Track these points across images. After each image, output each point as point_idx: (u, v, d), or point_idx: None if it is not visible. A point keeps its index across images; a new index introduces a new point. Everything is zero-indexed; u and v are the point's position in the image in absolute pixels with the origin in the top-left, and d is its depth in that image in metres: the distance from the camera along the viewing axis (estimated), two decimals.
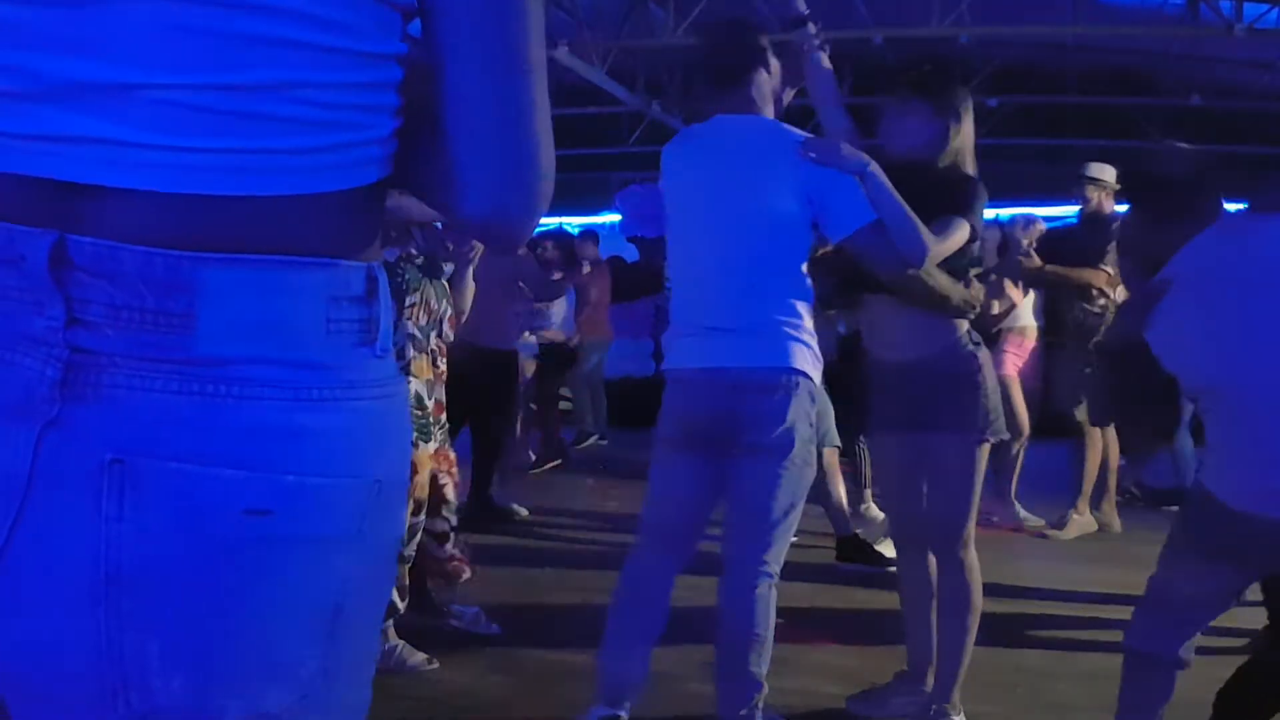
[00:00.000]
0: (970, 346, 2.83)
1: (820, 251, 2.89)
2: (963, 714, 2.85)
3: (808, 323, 2.61)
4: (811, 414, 2.60)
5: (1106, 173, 5.65)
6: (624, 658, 2.70)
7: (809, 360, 2.59)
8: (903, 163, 2.73)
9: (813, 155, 2.54)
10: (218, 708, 0.72)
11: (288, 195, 0.73)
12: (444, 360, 3.50)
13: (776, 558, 2.59)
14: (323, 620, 0.75)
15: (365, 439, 0.76)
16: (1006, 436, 2.85)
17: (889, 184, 2.56)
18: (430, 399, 3.40)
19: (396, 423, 0.81)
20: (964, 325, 2.84)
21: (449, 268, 3.50)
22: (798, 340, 2.57)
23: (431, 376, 3.42)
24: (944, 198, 2.73)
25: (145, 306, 0.69)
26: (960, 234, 2.71)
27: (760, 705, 2.60)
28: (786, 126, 2.67)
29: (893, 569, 4.43)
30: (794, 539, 2.71)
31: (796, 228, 2.59)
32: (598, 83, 10.27)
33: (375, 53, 0.76)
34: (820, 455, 4.28)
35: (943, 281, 2.72)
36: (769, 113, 2.70)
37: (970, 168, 2.84)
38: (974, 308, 2.84)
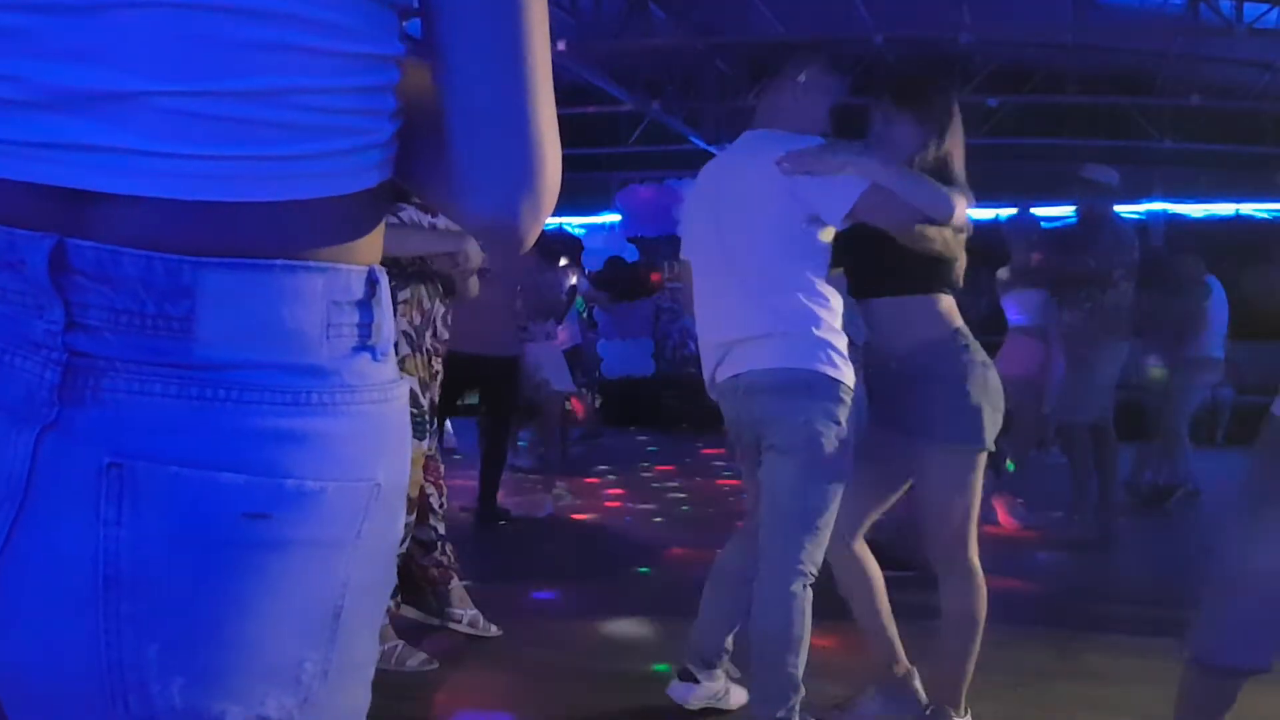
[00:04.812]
0: (961, 347, 2.69)
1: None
2: (966, 715, 2.84)
3: (830, 323, 2.62)
4: (838, 412, 2.59)
5: (1101, 174, 5.66)
6: (705, 629, 2.95)
7: (830, 359, 2.59)
8: None
9: (787, 167, 2.59)
10: (217, 712, 0.71)
11: (288, 201, 0.72)
12: (439, 360, 3.48)
13: (811, 557, 2.60)
14: (323, 623, 0.75)
15: (365, 443, 0.76)
16: (990, 449, 2.68)
17: (882, 163, 2.59)
18: (425, 397, 3.39)
19: (396, 426, 0.80)
20: (955, 323, 2.71)
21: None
22: (816, 340, 2.59)
23: (426, 375, 3.41)
24: None
25: (145, 310, 0.69)
26: (962, 195, 2.67)
27: (797, 708, 2.58)
28: (785, 136, 2.70)
29: (911, 572, 4.41)
30: None
31: (800, 232, 2.63)
32: (598, 83, 10.27)
33: (374, 54, 0.75)
34: None
35: (930, 231, 2.64)
36: (798, 120, 2.75)
37: (959, 172, 2.78)
38: (954, 258, 2.72)
